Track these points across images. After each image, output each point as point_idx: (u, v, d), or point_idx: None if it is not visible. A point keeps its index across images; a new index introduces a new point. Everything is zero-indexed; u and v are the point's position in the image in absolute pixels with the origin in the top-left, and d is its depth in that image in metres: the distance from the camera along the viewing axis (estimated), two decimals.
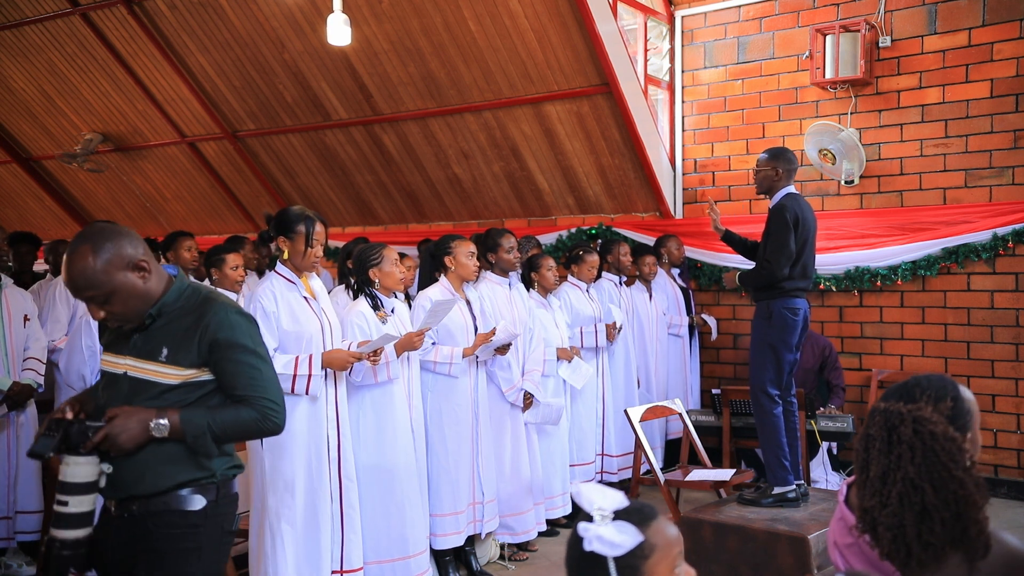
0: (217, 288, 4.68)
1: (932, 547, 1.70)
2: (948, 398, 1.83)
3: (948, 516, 1.70)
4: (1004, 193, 5.97)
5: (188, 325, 2.39)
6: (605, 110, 6.74)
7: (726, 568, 4.13)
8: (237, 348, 2.40)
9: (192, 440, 2.36)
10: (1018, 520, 5.49)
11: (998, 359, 6.02)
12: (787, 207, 4.29)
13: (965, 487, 1.70)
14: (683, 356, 6.76)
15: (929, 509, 1.70)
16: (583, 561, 1.59)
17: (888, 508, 1.73)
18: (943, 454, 1.72)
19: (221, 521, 2.46)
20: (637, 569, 1.58)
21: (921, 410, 1.76)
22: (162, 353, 2.38)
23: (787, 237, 4.24)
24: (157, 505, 2.37)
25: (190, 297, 2.45)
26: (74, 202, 10.61)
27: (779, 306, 4.30)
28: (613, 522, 1.58)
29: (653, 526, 1.61)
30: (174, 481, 2.38)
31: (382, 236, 8.21)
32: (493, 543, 4.94)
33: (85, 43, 8.45)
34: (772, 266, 4.27)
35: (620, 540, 1.56)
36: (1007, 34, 5.89)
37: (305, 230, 3.67)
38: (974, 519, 1.70)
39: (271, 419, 2.45)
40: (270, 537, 3.60)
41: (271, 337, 3.61)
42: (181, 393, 2.39)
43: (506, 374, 4.82)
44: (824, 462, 6.17)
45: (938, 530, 1.70)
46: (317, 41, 7.22)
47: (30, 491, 4.82)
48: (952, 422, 1.79)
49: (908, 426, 1.75)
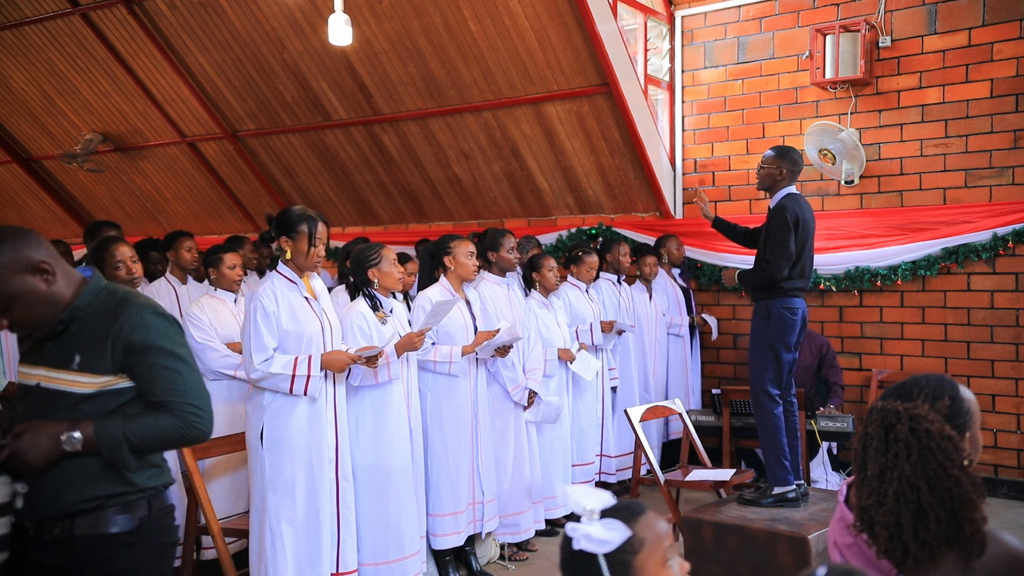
0: (215, 287, 4.73)
1: (928, 545, 1.71)
2: (946, 397, 1.84)
3: (944, 515, 1.70)
4: (1004, 193, 5.97)
5: (101, 329, 2.23)
6: (605, 110, 6.74)
7: (726, 568, 4.13)
8: (154, 350, 2.23)
9: (108, 452, 2.18)
10: (1018, 520, 5.49)
11: (998, 359, 6.02)
12: (788, 208, 4.29)
13: (961, 485, 1.71)
14: (683, 356, 6.76)
15: (925, 507, 1.71)
16: (574, 560, 1.61)
17: (885, 506, 1.73)
18: (939, 452, 1.72)
19: (158, 536, 2.31)
20: (627, 564, 1.59)
21: (918, 408, 1.76)
22: (74, 360, 2.21)
23: (787, 238, 4.25)
24: (82, 527, 2.20)
25: (105, 300, 2.28)
26: (74, 202, 10.61)
27: (778, 306, 4.30)
28: (600, 520, 1.59)
29: (641, 521, 1.62)
30: (93, 498, 2.20)
31: (382, 236, 8.21)
32: (493, 543, 4.94)
33: (85, 43, 8.44)
34: (772, 267, 4.27)
35: (608, 537, 1.57)
36: (1007, 34, 5.89)
37: (308, 230, 3.67)
38: (970, 518, 1.70)
39: (195, 425, 2.27)
40: (270, 537, 3.60)
41: (271, 337, 3.61)
42: (98, 403, 2.22)
43: (511, 374, 4.83)
44: (824, 462, 6.17)
45: (934, 528, 1.70)
46: (317, 41, 7.22)
47: None
48: (949, 421, 1.80)
49: (904, 424, 1.75)
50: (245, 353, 3.65)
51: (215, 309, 4.59)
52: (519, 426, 4.93)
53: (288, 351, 3.65)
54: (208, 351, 4.47)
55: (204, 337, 4.48)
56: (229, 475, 4.49)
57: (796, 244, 4.27)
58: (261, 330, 3.60)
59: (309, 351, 3.67)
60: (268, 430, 3.65)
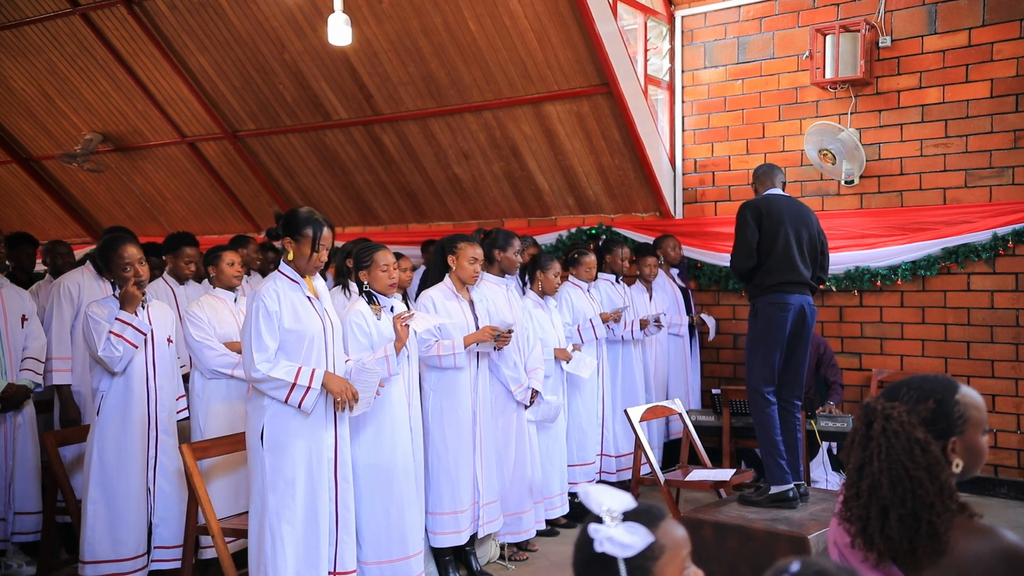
0: (213, 285, 4.71)
1: (891, 541, 1.77)
2: (931, 400, 1.84)
3: (905, 513, 1.76)
4: (1004, 193, 5.97)
5: None
6: (605, 110, 6.74)
7: (726, 568, 4.13)
8: None
9: None
10: (1018, 520, 5.48)
11: (998, 359, 6.02)
12: (747, 204, 4.38)
13: (922, 487, 1.75)
14: (683, 356, 6.76)
15: (887, 505, 1.77)
16: (593, 563, 1.58)
17: (860, 500, 1.81)
18: (902, 453, 1.78)
19: None
20: (647, 571, 1.56)
21: (893, 408, 1.82)
22: None
23: (743, 231, 4.32)
24: None
25: None
26: (74, 202, 10.61)
27: (763, 302, 4.30)
28: (623, 523, 1.57)
29: (662, 527, 1.60)
30: None
31: (382, 236, 8.21)
32: (493, 543, 4.94)
33: (85, 43, 8.45)
34: (733, 260, 4.40)
35: (631, 541, 1.55)
36: (1007, 34, 5.89)
37: (312, 234, 3.67)
38: (928, 520, 1.74)
39: None
40: (270, 537, 3.60)
41: (272, 337, 3.60)
42: None
43: (514, 374, 4.83)
44: (824, 462, 6.17)
45: (895, 526, 1.76)
46: (317, 41, 7.22)
47: (28, 492, 4.82)
48: (930, 424, 1.81)
49: (880, 423, 1.82)
50: (245, 352, 3.63)
51: (214, 308, 4.59)
52: (521, 425, 4.93)
53: (289, 351, 3.64)
54: (206, 350, 4.46)
55: (202, 336, 4.47)
56: (229, 475, 4.49)
57: (763, 236, 4.28)
58: (262, 330, 3.59)
59: (311, 351, 3.67)
60: (268, 430, 3.64)
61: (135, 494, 4.16)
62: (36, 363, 4.90)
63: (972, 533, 1.78)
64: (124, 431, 4.16)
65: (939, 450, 1.80)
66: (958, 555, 1.75)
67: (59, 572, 4.75)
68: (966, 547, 1.76)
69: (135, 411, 4.18)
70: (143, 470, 4.19)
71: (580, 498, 1.63)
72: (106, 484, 4.13)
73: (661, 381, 6.53)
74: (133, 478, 4.16)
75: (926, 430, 1.80)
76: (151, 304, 4.30)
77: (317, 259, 3.70)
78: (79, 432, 4.59)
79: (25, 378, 4.83)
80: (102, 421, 4.15)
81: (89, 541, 4.10)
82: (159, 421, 4.25)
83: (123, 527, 4.13)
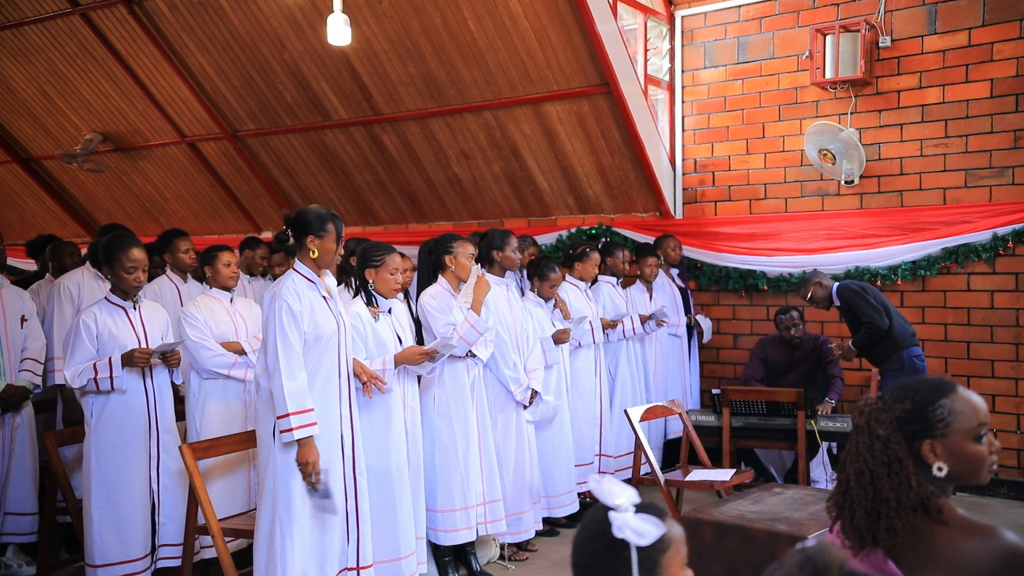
0: (210, 285, 4.70)
1: (859, 532, 1.84)
2: (908, 400, 1.87)
3: (868, 507, 1.83)
4: (1004, 193, 5.96)
5: None
6: (605, 110, 6.74)
7: (726, 568, 4.12)
8: None
9: None
10: (1018, 520, 5.48)
11: (998, 359, 6.01)
12: (850, 288, 5.52)
13: (880, 483, 1.82)
14: (682, 356, 6.76)
15: (854, 498, 1.86)
16: (605, 551, 1.61)
17: (839, 489, 1.91)
18: (864, 448, 1.86)
19: None
20: (656, 562, 1.60)
21: (869, 405, 1.90)
22: None
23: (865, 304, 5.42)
24: None
25: None
26: (74, 202, 10.61)
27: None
28: (638, 513, 1.61)
29: (668, 522, 1.64)
30: None
31: (382, 236, 8.21)
32: (493, 543, 4.93)
33: (85, 43, 8.44)
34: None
35: (647, 530, 1.59)
36: (1007, 34, 5.89)
37: (335, 228, 3.69)
38: (885, 515, 1.81)
39: None
40: (280, 535, 3.57)
41: (298, 338, 3.55)
42: None
43: (514, 374, 4.83)
44: (824, 462, 6.17)
45: (860, 517, 1.84)
46: (317, 41, 7.22)
47: (25, 493, 4.81)
48: (904, 424, 1.85)
49: (859, 418, 1.90)
50: (272, 356, 3.54)
51: (211, 308, 4.58)
52: (520, 426, 4.93)
53: (306, 351, 3.59)
54: (202, 350, 4.45)
55: (199, 336, 4.47)
56: (229, 475, 4.49)
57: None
58: (287, 332, 3.51)
59: (326, 352, 3.65)
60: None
61: (138, 494, 4.17)
62: (35, 364, 4.89)
63: (972, 533, 1.78)
64: (123, 432, 4.15)
65: (905, 449, 1.84)
66: (958, 555, 1.75)
67: (59, 572, 4.74)
68: (966, 547, 1.76)
69: (135, 412, 4.17)
70: (145, 469, 4.19)
71: (590, 487, 1.66)
72: (108, 486, 4.12)
73: (660, 381, 6.52)
74: (135, 478, 4.16)
75: (895, 429, 1.85)
76: (143, 304, 4.30)
77: (338, 252, 3.72)
78: (79, 432, 4.58)
79: (24, 379, 4.82)
80: (96, 425, 4.15)
81: (98, 545, 4.09)
82: (160, 420, 4.25)
83: (129, 527, 4.14)
